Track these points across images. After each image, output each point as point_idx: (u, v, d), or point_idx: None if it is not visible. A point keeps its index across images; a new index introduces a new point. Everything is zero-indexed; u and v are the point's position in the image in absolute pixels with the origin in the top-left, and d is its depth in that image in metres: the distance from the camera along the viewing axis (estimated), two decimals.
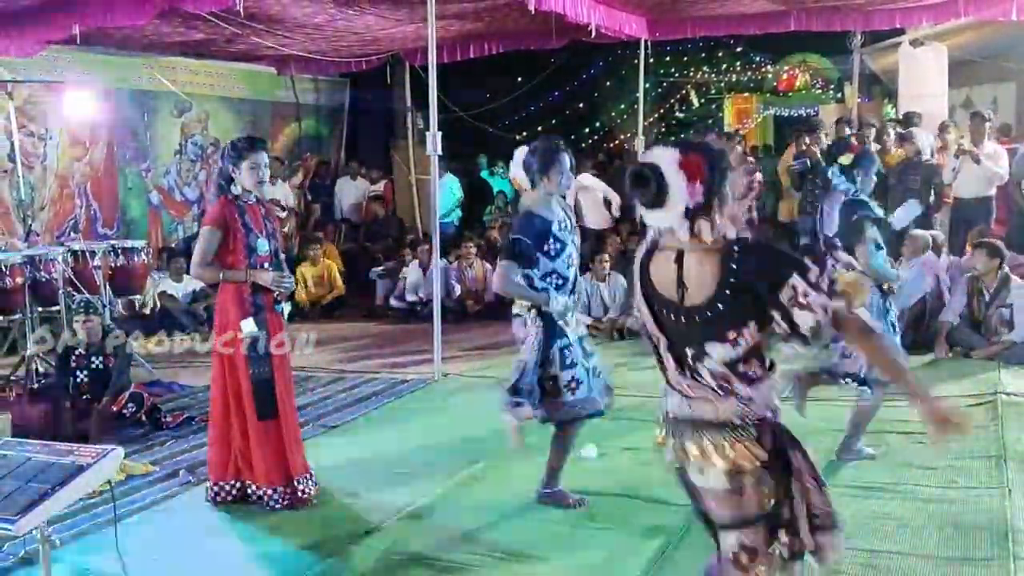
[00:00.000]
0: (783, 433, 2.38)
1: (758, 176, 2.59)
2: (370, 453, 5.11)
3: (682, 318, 2.32)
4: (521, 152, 4.12)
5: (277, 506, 4.24)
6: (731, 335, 2.27)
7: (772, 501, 2.34)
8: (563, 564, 3.66)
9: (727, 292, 2.24)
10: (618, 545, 3.80)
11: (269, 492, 4.25)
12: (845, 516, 3.88)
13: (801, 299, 2.17)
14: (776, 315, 2.21)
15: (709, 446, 2.33)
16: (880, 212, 4.76)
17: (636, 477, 4.53)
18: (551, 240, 3.96)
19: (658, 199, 2.26)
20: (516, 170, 4.12)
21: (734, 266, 2.25)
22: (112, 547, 3.14)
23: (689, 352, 2.34)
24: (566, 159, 4.02)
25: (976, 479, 4.38)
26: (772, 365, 2.35)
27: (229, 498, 4.34)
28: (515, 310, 4.12)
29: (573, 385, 4.04)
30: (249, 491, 4.32)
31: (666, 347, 2.40)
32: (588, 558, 3.70)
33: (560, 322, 4.02)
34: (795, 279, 2.19)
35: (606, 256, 8.34)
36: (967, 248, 7.55)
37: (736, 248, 2.28)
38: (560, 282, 4.02)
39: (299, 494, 4.28)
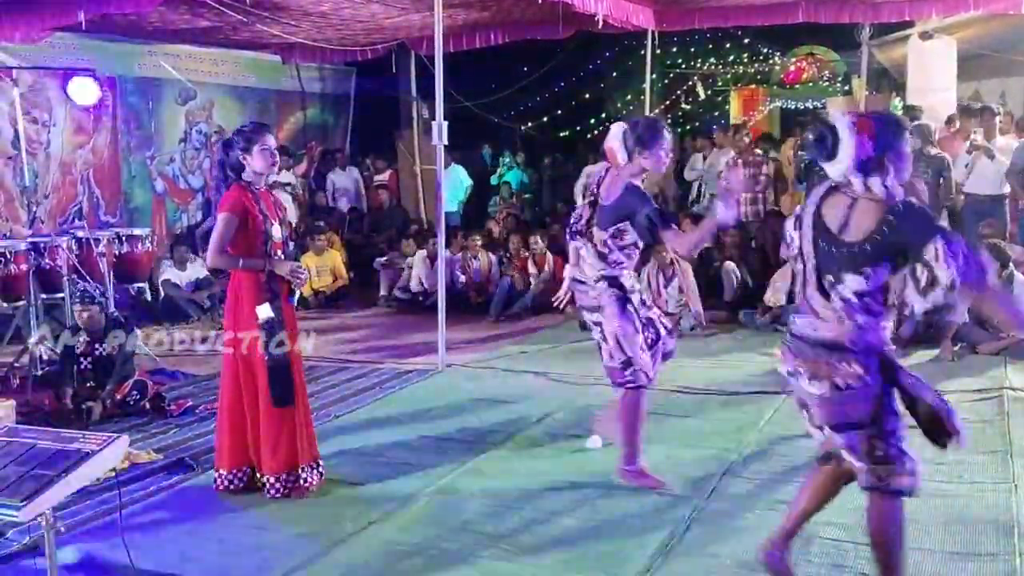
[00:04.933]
0: (890, 364, 2.83)
1: (765, 168, 2.86)
2: (373, 443, 5.10)
3: (833, 248, 2.81)
4: (620, 126, 4.22)
5: (277, 495, 4.23)
6: (866, 271, 2.75)
7: (870, 415, 2.79)
8: (567, 555, 3.66)
9: (878, 237, 2.72)
10: (622, 536, 3.80)
11: (271, 480, 4.25)
12: (849, 511, 3.89)
13: (942, 259, 2.59)
14: (919, 267, 2.65)
15: (823, 363, 2.82)
16: None
17: None
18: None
19: (833, 151, 2.75)
20: (613, 141, 4.20)
21: (892, 219, 2.70)
22: (117, 535, 3.14)
23: (829, 278, 2.83)
24: (669, 138, 4.16)
25: (982, 474, 4.37)
26: (892, 307, 2.80)
27: (241, 486, 4.33)
28: (595, 277, 4.23)
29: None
30: (256, 477, 4.32)
31: (813, 268, 2.88)
32: (593, 549, 3.70)
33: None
34: (939, 242, 2.60)
35: None
36: None
37: (901, 206, 2.73)
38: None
39: (301, 483, 4.27)
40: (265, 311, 4.13)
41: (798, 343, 2.93)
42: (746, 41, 16.03)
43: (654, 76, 11.45)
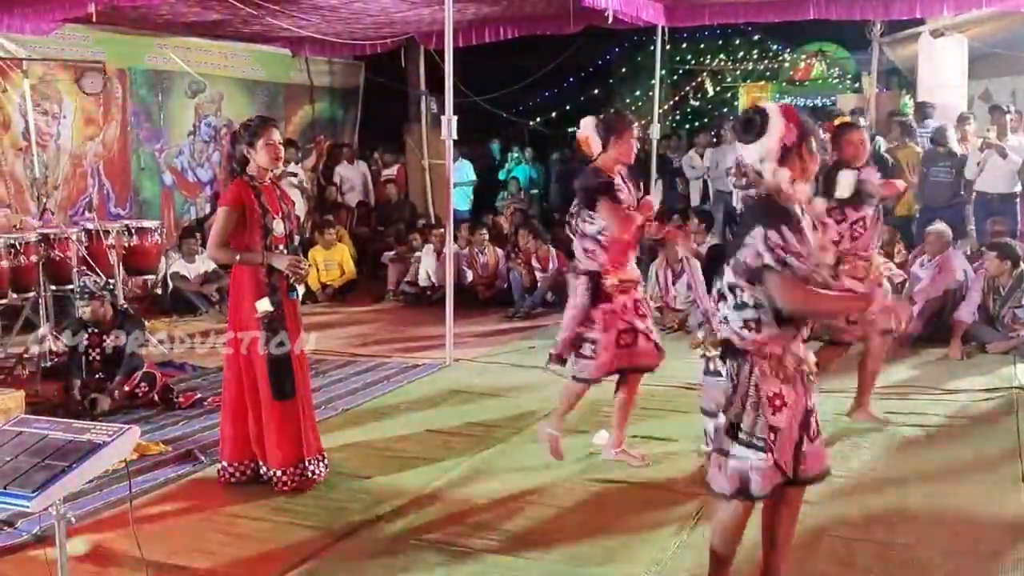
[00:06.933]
0: (742, 359, 2.85)
1: None
2: (381, 437, 5.11)
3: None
4: (591, 119, 4.42)
5: (286, 488, 4.25)
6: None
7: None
8: (574, 550, 3.66)
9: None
10: (630, 531, 3.80)
11: (279, 473, 4.25)
12: (858, 508, 3.89)
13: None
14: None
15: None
16: None
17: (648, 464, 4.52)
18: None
19: (762, 129, 2.80)
20: (587, 131, 4.38)
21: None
22: (126, 526, 3.15)
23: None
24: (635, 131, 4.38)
25: (991, 472, 4.36)
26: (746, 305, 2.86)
27: (243, 479, 4.35)
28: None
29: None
30: (261, 471, 4.33)
31: None
32: (600, 544, 3.70)
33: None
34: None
35: None
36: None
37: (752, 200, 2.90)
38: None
39: (309, 475, 4.29)
40: (264, 305, 4.14)
41: None
42: (756, 38, 15.99)
43: (663, 72, 11.41)
